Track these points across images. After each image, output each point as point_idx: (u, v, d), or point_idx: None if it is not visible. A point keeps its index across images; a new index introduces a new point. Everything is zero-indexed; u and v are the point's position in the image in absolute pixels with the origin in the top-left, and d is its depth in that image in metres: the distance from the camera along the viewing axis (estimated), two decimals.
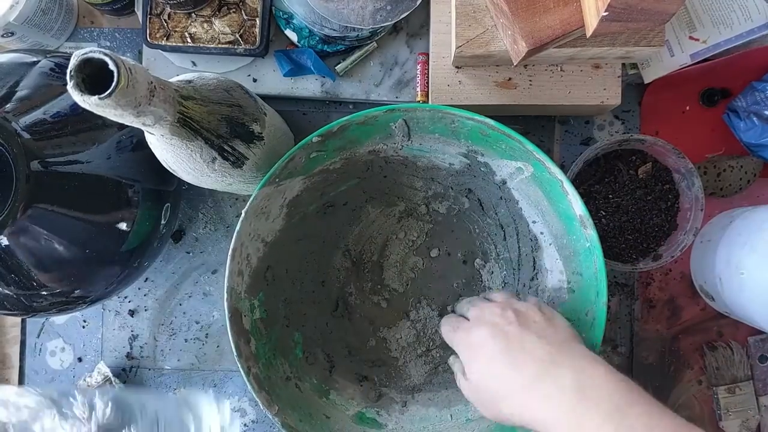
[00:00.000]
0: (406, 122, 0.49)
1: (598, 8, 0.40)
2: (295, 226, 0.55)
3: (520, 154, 0.49)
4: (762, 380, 0.62)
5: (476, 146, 0.51)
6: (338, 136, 0.49)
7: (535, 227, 0.54)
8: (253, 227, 0.50)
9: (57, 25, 0.60)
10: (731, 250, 0.55)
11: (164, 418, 0.51)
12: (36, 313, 0.50)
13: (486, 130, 0.48)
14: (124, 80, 0.32)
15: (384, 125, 0.50)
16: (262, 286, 0.53)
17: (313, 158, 0.50)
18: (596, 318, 0.48)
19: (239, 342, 0.48)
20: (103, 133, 0.48)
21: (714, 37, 0.58)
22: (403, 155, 0.54)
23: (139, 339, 0.64)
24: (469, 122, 0.48)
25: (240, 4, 0.58)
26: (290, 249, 0.55)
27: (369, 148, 0.52)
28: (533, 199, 0.52)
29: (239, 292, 0.50)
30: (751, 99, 0.59)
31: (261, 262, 0.52)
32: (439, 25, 0.56)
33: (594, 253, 0.48)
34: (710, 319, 0.63)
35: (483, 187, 0.56)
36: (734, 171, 0.61)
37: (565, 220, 0.50)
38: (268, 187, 0.49)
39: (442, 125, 0.50)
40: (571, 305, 0.51)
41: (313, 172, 0.52)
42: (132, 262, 0.52)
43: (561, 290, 0.53)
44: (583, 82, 0.56)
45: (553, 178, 0.48)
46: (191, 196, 0.64)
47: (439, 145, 0.52)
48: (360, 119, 0.48)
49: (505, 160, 0.51)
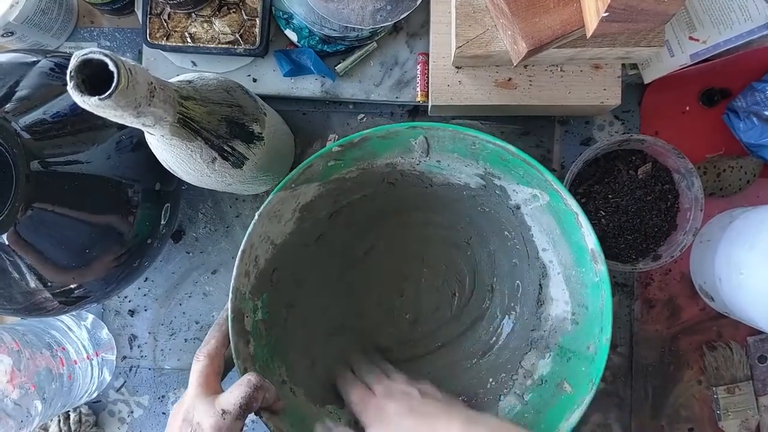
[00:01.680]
0: (426, 139, 0.50)
1: (598, 9, 0.40)
2: (305, 231, 0.54)
3: (537, 182, 0.49)
4: (761, 380, 0.62)
5: (494, 169, 0.51)
6: (358, 147, 0.49)
7: (544, 255, 0.54)
8: (265, 229, 0.50)
9: (57, 25, 0.60)
10: (731, 250, 0.55)
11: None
12: (35, 313, 0.50)
13: (505, 155, 0.48)
14: (124, 81, 0.32)
15: (405, 140, 0.50)
16: (266, 287, 0.52)
17: (330, 166, 0.50)
18: (597, 353, 0.48)
19: (239, 343, 0.48)
20: (102, 133, 0.48)
21: (714, 38, 0.58)
22: (419, 170, 0.54)
23: (138, 339, 0.65)
24: (489, 145, 0.48)
25: (240, 4, 0.58)
26: (298, 253, 0.55)
27: (387, 160, 0.52)
28: (546, 227, 0.52)
29: (244, 293, 0.49)
30: (751, 99, 0.59)
31: (268, 264, 0.52)
32: (439, 25, 0.56)
33: (602, 289, 0.47)
34: (710, 319, 0.63)
35: (497, 210, 0.56)
36: (734, 171, 0.61)
37: (576, 252, 0.50)
38: (284, 191, 0.49)
39: (462, 146, 0.49)
40: (573, 337, 0.51)
41: (329, 180, 0.52)
42: (132, 262, 0.52)
43: (565, 321, 0.52)
44: (583, 82, 0.56)
45: (569, 209, 0.47)
46: (191, 196, 0.64)
47: (457, 164, 0.52)
48: (382, 133, 0.48)
49: (521, 186, 0.51)
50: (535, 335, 0.55)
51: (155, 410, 0.64)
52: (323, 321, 0.58)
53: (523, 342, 0.56)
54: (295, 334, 0.55)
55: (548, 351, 0.53)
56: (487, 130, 0.63)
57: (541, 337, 0.54)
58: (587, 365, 0.49)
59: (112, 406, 0.64)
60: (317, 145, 0.64)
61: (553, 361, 0.53)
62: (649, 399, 0.63)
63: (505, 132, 0.63)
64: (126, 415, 0.64)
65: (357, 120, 0.64)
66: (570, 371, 0.50)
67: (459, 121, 0.63)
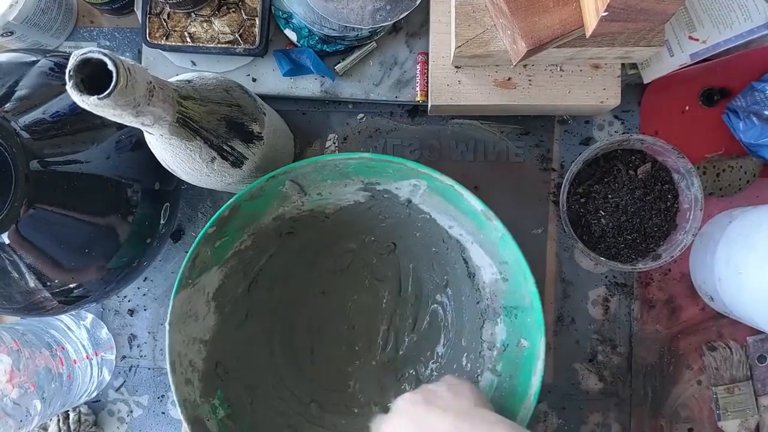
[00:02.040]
0: (294, 181, 0.49)
1: (598, 8, 0.40)
2: (229, 315, 0.53)
3: (407, 173, 0.49)
4: (761, 380, 0.62)
5: (369, 178, 0.51)
6: (234, 218, 0.48)
7: (453, 231, 0.55)
8: (185, 333, 0.49)
9: (56, 25, 0.60)
10: (730, 250, 0.55)
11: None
12: (35, 312, 0.50)
13: (369, 163, 0.49)
14: (123, 80, 0.32)
15: (274, 192, 0.49)
16: (217, 384, 0.51)
17: (218, 246, 0.49)
18: (532, 300, 0.49)
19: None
20: (102, 132, 0.48)
21: (714, 37, 0.58)
22: (308, 209, 0.54)
23: (138, 338, 0.64)
24: (350, 161, 0.48)
25: (239, 4, 0.58)
26: (234, 337, 0.54)
27: (271, 215, 0.52)
28: (440, 208, 0.53)
29: (193, 400, 0.48)
30: (751, 99, 0.59)
31: (207, 363, 0.50)
32: (439, 24, 0.56)
33: (508, 241, 0.48)
34: (709, 319, 0.63)
35: (394, 211, 0.56)
36: (734, 171, 0.61)
37: (473, 218, 0.51)
38: (183, 291, 0.48)
39: (328, 171, 0.49)
40: (510, 294, 0.52)
41: (227, 258, 0.51)
42: (131, 261, 0.52)
43: (498, 282, 0.53)
44: (583, 82, 0.56)
45: (445, 185, 0.48)
46: (190, 195, 0.64)
47: (337, 189, 0.52)
48: (247, 195, 0.47)
49: (399, 182, 0.51)
50: (481, 306, 0.56)
51: (154, 410, 0.64)
52: (288, 387, 0.58)
53: (476, 316, 0.57)
54: (267, 413, 0.54)
55: (498, 316, 0.54)
56: (486, 130, 0.63)
57: (487, 306, 0.55)
58: (530, 315, 0.49)
59: (112, 406, 0.64)
60: (317, 144, 0.64)
61: (504, 323, 0.54)
62: (648, 399, 0.63)
63: (505, 132, 0.63)
64: (125, 415, 0.64)
65: (356, 119, 0.64)
66: (521, 327, 0.51)
67: (460, 121, 0.63)
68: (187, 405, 0.47)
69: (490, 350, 0.55)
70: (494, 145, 0.63)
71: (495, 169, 0.63)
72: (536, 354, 0.49)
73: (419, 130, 0.63)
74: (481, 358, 0.56)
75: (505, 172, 0.63)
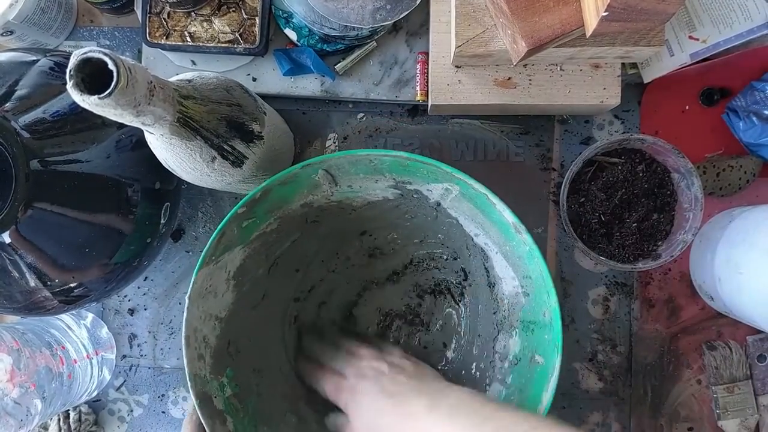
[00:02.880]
0: (327, 171, 0.49)
1: (598, 8, 0.40)
2: (247, 295, 0.54)
3: (442, 177, 0.49)
4: (761, 380, 0.62)
5: (401, 177, 0.51)
6: (264, 200, 0.49)
7: (478, 240, 0.55)
8: (203, 309, 0.49)
9: (56, 24, 0.60)
10: (730, 249, 0.55)
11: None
12: (35, 312, 0.50)
13: (404, 162, 0.48)
14: (123, 80, 0.32)
15: (306, 179, 0.49)
16: (227, 362, 0.51)
17: (245, 227, 0.50)
18: (552, 318, 0.48)
19: (215, 425, 0.47)
20: (102, 132, 0.48)
21: (714, 37, 0.58)
22: (336, 200, 0.54)
23: (138, 338, 0.65)
24: (385, 158, 0.48)
25: (239, 3, 0.58)
26: (248, 317, 0.54)
27: (300, 202, 0.52)
28: (469, 214, 0.53)
29: (203, 376, 0.48)
30: (751, 99, 0.59)
31: (220, 340, 0.51)
32: (439, 24, 0.56)
33: (534, 256, 0.48)
34: (709, 319, 0.63)
35: (422, 212, 0.56)
36: (734, 171, 0.61)
37: (501, 229, 0.50)
38: (206, 267, 0.48)
39: (362, 166, 0.49)
40: (529, 308, 0.52)
41: (251, 240, 0.51)
42: (131, 261, 0.52)
43: (518, 295, 0.53)
44: (583, 81, 0.56)
45: (478, 192, 0.48)
46: (191, 195, 0.64)
47: (368, 183, 0.52)
48: (281, 179, 0.47)
49: (432, 184, 0.51)
50: (498, 317, 0.56)
51: (155, 409, 0.64)
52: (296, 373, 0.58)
53: (490, 326, 0.57)
54: (273, 396, 0.55)
55: (513, 329, 0.54)
56: (486, 129, 0.63)
57: (503, 318, 0.55)
58: (548, 332, 0.49)
59: (112, 405, 0.64)
60: (317, 144, 0.64)
61: (520, 337, 0.53)
62: (648, 398, 0.63)
63: (505, 131, 0.63)
64: (126, 414, 0.65)
65: (357, 119, 0.64)
66: (537, 342, 0.51)
67: (460, 121, 0.63)
68: (197, 380, 0.47)
69: (502, 362, 0.55)
70: (494, 145, 0.63)
71: (495, 169, 0.63)
72: (550, 371, 0.48)
73: (419, 130, 0.63)
74: (491, 368, 0.55)
75: (505, 171, 0.63)
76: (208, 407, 0.47)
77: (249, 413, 0.51)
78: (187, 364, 0.47)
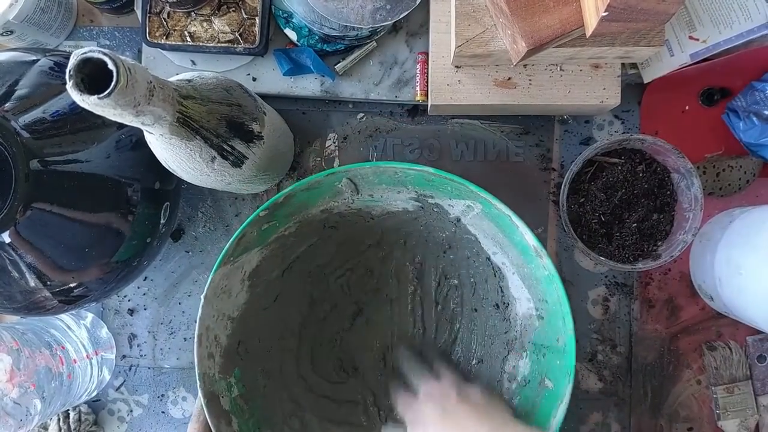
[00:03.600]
0: (351, 180, 0.50)
1: (598, 8, 0.40)
2: (260, 296, 0.54)
3: (466, 194, 0.49)
4: (761, 380, 0.62)
5: (424, 190, 0.51)
6: (286, 205, 0.49)
7: (495, 258, 0.55)
8: (217, 308, 0.49)
9: (56, 24, 0.60)
10: (730, 249, 0.55)
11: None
12: (35, 312, 0.50)
13: (429, 177, 0.48)
14: (123, 80, 0.32)
15: (330, 187, 0.50)
16: (236, 362, 0.52)
17: (265, 229, 0.50)
18: (566, 344, 0.48)
19: (220, 425, 0.47)
20: (102, 132, 0.48)
21: (714, 37, 0.58)
22: (356, 207, 0.54)
23: (138, 338, 0.65)
24: (411, 172, 0.48)
25: (239, 3, 0.58)
26: (259, 319, 0.54)
27: (321, 207, 0.52)
28: (489, 233, 0.53)
29: (212, 375, 0.49)
30: (751, 99, 0.59)
31: (231, 339, 0.51)
32: (439, 24, 0.56)
33: (554, 282, 0.48)
34: (709, 319, 0.63)
35: (440, 226, 0.56)
36: (733, 171, 0.61)
37: (521, 250, 0.50)
38: (224, 267, 0.48)
39: (386, 177, 0.50)
40: (543, 332, 0.52)
41: (269, 241, 0.52)
42: (131, 261, 0.52)
43: (532, 317, 0.53)
44: (583, 81, 0.56)
45: (501, 213, 0.48)
46: (190, 195, 0.64)
47: (390, 194, 0.52)
48: (304, 186, 0.48)
49: (454, 200, 0.51)
50: (508, 337, 0.56)
51: (154, 409, 0.64)
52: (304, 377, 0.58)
53: (501, 346, 0.56)
54: (279, 399, 0.55)
55: (524, 350, 0.54)
56: (486, 129, 0.63)
57: (514, 338, 0.55)
58: (561, 358, 0.49)
59: (112, 405, 0.64)
60: (317, 144, 0.64)
61: (530, 360, 0.53)
62: (648, 398, 0.63)
63: (505, 131, 0.63)
64: (125, 414, 0.64)
65: (356, 119, 0.64)
66: (547, 367, 0.51)
67: (460, 121, 0.63)
68: (206, 379, 0.48)
69: (510, 382, 0.55)
70: (494, 145, 0.63)
71: (495, 169, 0.63)
72: (560, 397, 0.48)
73: (419, 130, 0.63)
74: (498, 387, 0.55)
75: (505, 171, 0.63)
76: (215, 407, 0.48)
77: (254, 415, 0.51)
78: (198, 362, 0.47)
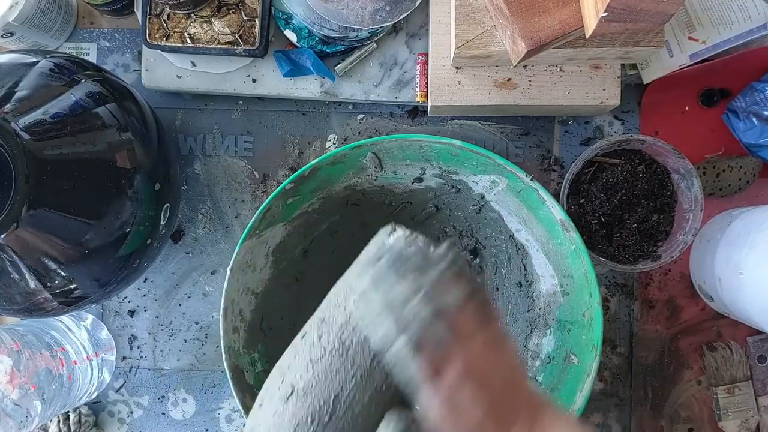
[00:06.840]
0: (375, 154, 0.50)
1: (598, 9, 0.40)
2: (283, 272, 0.54)
3: (492, 168, 0.49)
4: (761, 380, 0.62)
5: (448, 166, 0.51)
6: (311, 178, 0.49)
7: (519, 236, 0.55)
8: (242, 282, 0.50)
9: (56, 26, 0.60)
10: (730, 250, 0.55)
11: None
12: (35, 313, 0.50)
13: (454, 151, 0.49)
14: None
15: (354, 161, 0.50)
16: (259, 338, 0.52)
17: (290, 204, 0.50)
18: (593, 319, 0.48)
19: (245, 399, 0.48)
20: (102, 133, 0.48)
21: (713, 38, 0.58)
22: (379, 185, 0.54)
23: (138, 339, 0.64)
24: (436, 145, 0.48)
25: (239, 5, 0.58)
26: (282, 296, 0.55)
27: (344, 183, 0.52)
28: (513, 209, 0.53)
29: (237, 349, 0.49)
30: (751, 99, 0.59)
31: (255, 315, 0.52)
32: (439, 25, 0.56)
33: (580, 255, 0.48)
34: (709, 320, 0.63)
35: (463, 204, 0.56)
36: (733, 171, 0.61)
37: (547, 226, 0.50)
38: (249, 240, 0.49)
39: (411, 152, 0.50)
40: (567, 308, 0.52)
41: (293, 217, 0.52)
42: (131, 262, 0.52)
43: (556, 294, 0.53)
44: (583, 82, 0.56)
45: (528, 187, 0.48)
46: (190, 196, 0.64)
47: (413, 170, 0.52)
48: (330, 159, 0.48)
49: (479, 175, 0.51)
50: (532, 315, 0.55)
51: (155, 411, 0.64)
52: None
53: (524, 324, 0.56)
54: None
55: (548, 328, 0.54)
56: (486, 130, 0.63)
57: (538, 316, 0.55)
58: (587, 332, 0.49)
59: (112, 407, 0.64)
60: (317, 145, 0.64)
61: (554, 336, 0.53)
62: (648, 399, 0.63)
63: (505, 132, 0.63)
64: (126, 416, 0.64)
65: (356, 120, 0.64)
66: (573, 342, 0.51)
67: (460, 122, 0.63)
68: (231, 352, 0.48)
69: (533, 359, 0.54)
70: (494, 146, 0.63)
71: None
72: (585, 372, 0.48)
73: (419, 131, 0.63)
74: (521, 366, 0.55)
75: None
76: (239, 381, 0.48)
77: None
78: (223, 335, 0.48)
